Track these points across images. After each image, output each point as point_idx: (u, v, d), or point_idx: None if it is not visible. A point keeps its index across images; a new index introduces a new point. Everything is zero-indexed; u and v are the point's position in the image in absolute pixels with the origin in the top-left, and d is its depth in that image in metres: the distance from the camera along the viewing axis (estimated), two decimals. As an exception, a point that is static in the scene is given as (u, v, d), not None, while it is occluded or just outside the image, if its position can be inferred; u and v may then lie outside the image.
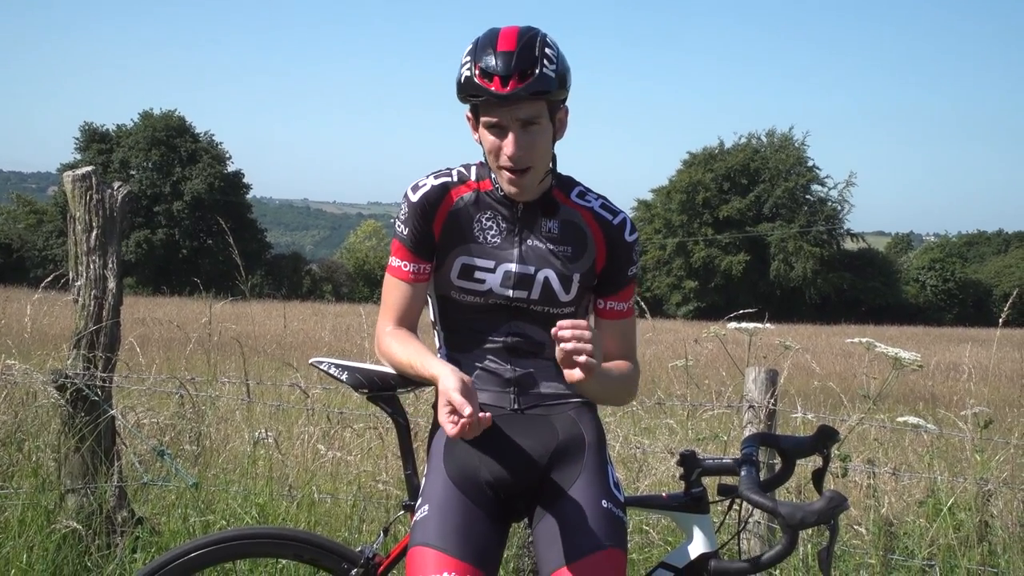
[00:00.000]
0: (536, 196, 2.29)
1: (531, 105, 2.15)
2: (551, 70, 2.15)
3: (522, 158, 2.18)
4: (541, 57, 2.14)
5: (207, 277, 34.20)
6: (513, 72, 2.11)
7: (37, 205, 60.01)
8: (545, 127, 2.20)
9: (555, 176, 2.33)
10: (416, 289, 2.34)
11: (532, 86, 2.12)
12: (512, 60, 2.12)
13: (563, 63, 2.20)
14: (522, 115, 2.15)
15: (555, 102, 2.21)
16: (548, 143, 2.23)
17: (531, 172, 2.21)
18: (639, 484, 4.45)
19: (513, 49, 2.14)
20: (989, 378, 11.65)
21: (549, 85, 2.15)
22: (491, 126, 2.18)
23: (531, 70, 2.13)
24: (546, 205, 2.30)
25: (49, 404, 4.33)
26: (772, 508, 2.03)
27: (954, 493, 4.19)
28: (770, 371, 4.07)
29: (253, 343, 10.23)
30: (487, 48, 2.16)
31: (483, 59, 2.15)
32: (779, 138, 65.22)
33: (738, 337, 4.76)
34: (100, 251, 3.98)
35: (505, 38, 2.16)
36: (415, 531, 2.19)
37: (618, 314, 2.36)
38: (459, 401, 1.98)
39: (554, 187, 2.32)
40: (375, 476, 4.40)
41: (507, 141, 2.17)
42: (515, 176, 2.20)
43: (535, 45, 2.16)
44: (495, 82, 2.12)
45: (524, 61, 2.13)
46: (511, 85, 2.11)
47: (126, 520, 3.91)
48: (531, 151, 2.18)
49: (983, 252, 71.91)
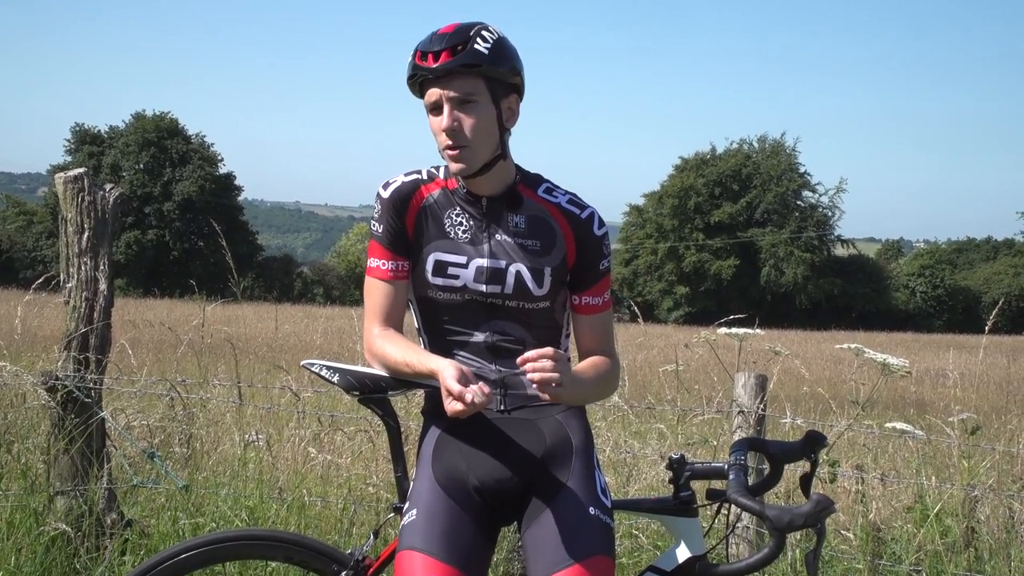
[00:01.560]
0: (499, 190, 2.32)
1: (465, 80, 2.20)
2: (484, 47, 2.20)
3: (457, 132, 2.21)
4: (475, 36, 2.21)
5: (198, 279, 34.11)
6: (444, 48, 2.19)
7: (27, 206, 59.72)
8: (484, 106, 2.23)
9: (520, 172, 2.37)
10: (397, 287, 2.36)
11: (461, 58, 2.18)
12: (445, 39, 2.21)
13: (503, 47, 2.24)
14: (456, 90, 2.20)
15: (496, 82, 2.24)
16: (490, 124, 2.25)
17: (470, 149, 2.24)
18: (629, 488, 4.47)
19: (449, 32, 2.22)
20: (977, 384, 11.72)
21: (480, 59, 2.19)
22: (431, 108, 2.25)
23: (461, 46, 2.19)
24: (510, 199, 2.33)
25: (39, 406, 4.32)
26: (760, 511, 2.05)
27: (941, 499, 4.22)
28: (760, 376, 4.10)
29: (244, 345, 10.21)
30: (428, 37, 2.25)
31: (423, 45, 2.24)
32: (770, 144, 65.40)
33: (728, 342, 4.78)
34: (91, 253, 3.98)
35: (446, 28, 2.25)
36: (403, 535, 2.20)
37: (594, 308, 2.39)
38: (457, 389, 2.05)
39: (519, 183, 2.35)
40: (366, 479, 4.40)
41: (443, 116, 2.22)
42: (454, 152, 2.23)
43: (471, 28, 2.23)
44: (428, 59, 2.20)
45: (456, 38, 2.21)
46: (442, 59, 2.19)
47: (115, 522, 3.90)
48: (466, 126, 2.22)
49: (972, 259, 72.20)
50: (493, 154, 2.28)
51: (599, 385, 2.36)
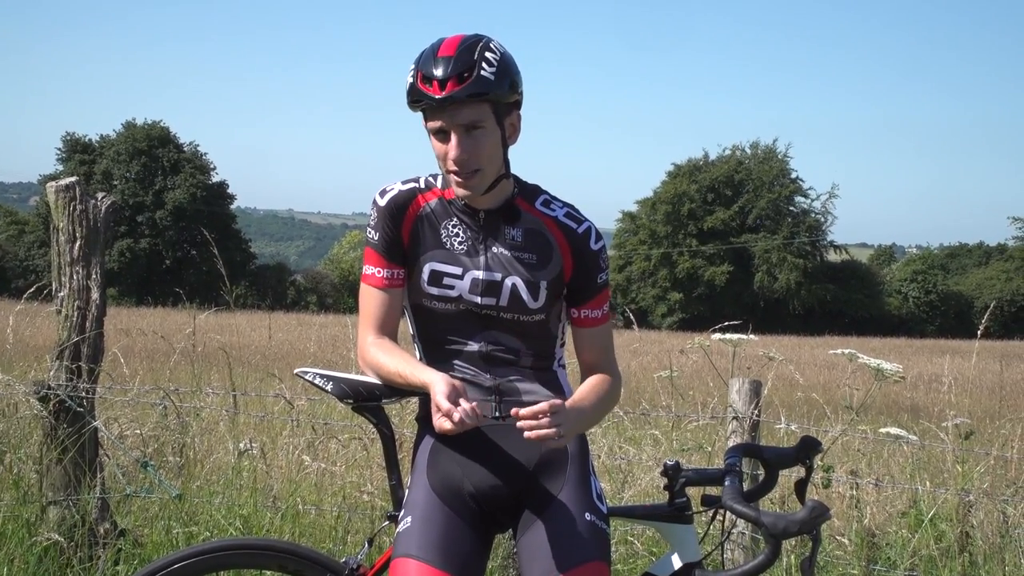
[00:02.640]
0: (497, 204, 2.31)
1: (472, 108, 2.17)
2: (490, 72, 2.16)
3: (466, 161, 2.19)
4: (480, 60, 2.16)
5: (191, 288, 34.01)
6: (450, 75, 2.14)
7: (18, 215, 59.54)
8: (490, 130, 2.21)
9: (518, 184, 2.35)
10: (392, 295, 2.35)
11: (469, 88, 2.14)
12: (450, 64, 2.15)
13: (507, 66, 2.21)
14: (463, 119, 2.17)
15: (501, 104, 2.21)
16: (496, 147, 2.23)
17: (479, 175, 2.22)
18: (623, 494, 4.46)
19: (452, 54, 2.16)
20: (970, 389, 11.74)
21: (487, 87, 2.16)
22: (436, 132, 2.21)
23: (468, 73, 2.15)
24: (508, 213, 2.32)
25: (31, 415, 4.30)
26: (755, 518, 2.05)
27: (936, 504, 4.22)
28: (754, 382, 4.10)
29: (238, 354, 10.18)
30: (429, 56, 2.19)
31: (424, 66, 2.18)
32: (763, 150, 65.54)
33: (722, 348, 4.79)
34: (83, 262, 3.97)
35: (447, 45, 2.19)
36: (398, 542, 2.19)
37: (593, 321, 2.38)
38: (446, 407, 2.05)
39: (517, 195, 2.34)
40: (360, 487, 4.39)
41: (451, 145, 2.19)
42: (462, 179, 2.22)
43: (475, 49, 2.18)
44: (434, 87, 2.15)
45: (461, 64, 2.15)
46: (448, 88, 2.14)
47: (108, 532, 3.88)
48: (475, 154, 2.19)
49: (964, 264, 72.43)
50: (498, 173, 2.27)
51: (600, 410, 2.36)
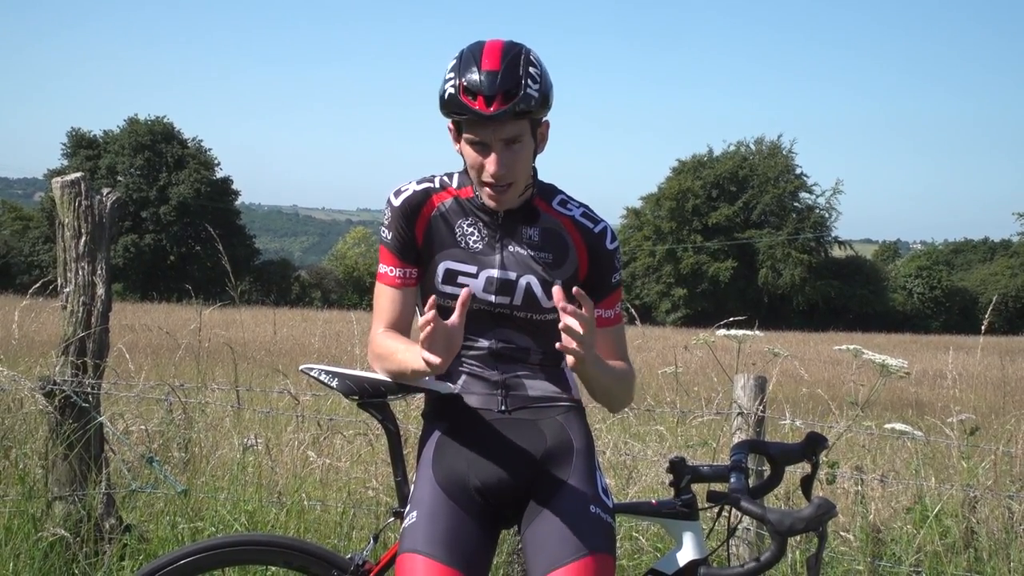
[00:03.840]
0: (517, 204, 2.31)
1: (515, 124, 2.16)
2: (535, 89, 2.15)
3: (505, 176, 2.19)
4: (525, 76, 2.14)
5: (196, 283, 34.04)
6: (497, 92, 2.11)
7: (23, 211, 59.67)
8: (527, 144, 2.21)
9: (536, 184, 2.35)
10: (405, 294, 2.36)
11: (516, 106, 2.13)
12: (497, 79, 2.12)
13: (547, 81, 2.20)
14: (506, 135, 2.16)
15: (537, 119, 2.23)
16: (529, 159, 2.25)
17: (512, 187, 2.23)
18: (629, 490, 4.46)
19: (498, 68, 2.13)
20: (975, 385, 11.72)
21: (533, 105, 2.15)
22: (474, 143, 2.19)
23: (515, 90, 2.12)
24: (527, 213, 2.32)
25: (36, 411, 4.31)
26: (761, 515, 2.05)
27: (941, 500, 4.22)
28: (759, 378, 4.09)
29: (242, 350, 10.19)
30: (471, 65, 2.15)
31: (467, 76, 2.14)
32: (767, 146, 65.47)
33: (727, 344, 4.78)
34: (89, 257, 3.97)
35: (489, 55, 2.15)
36: (404, 537, 2.19)
37: (606, 321, 2.38)
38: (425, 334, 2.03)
39: (535, 195, 2.34)
40: (365, 483, 4.39)
41: (490, 160, 2.17)
42: (496, 192, 2.22)
43: (519, 63, 2.15)
44: (479, 101, 2.12)
45: (508, 81, 2.12)
46: (495, 106, 2.11)
47: (114, 527, 3.89)
48: (513, 168, 2.20)
49: (969, 260, 72.31)
50: (527, 182, 2.28)
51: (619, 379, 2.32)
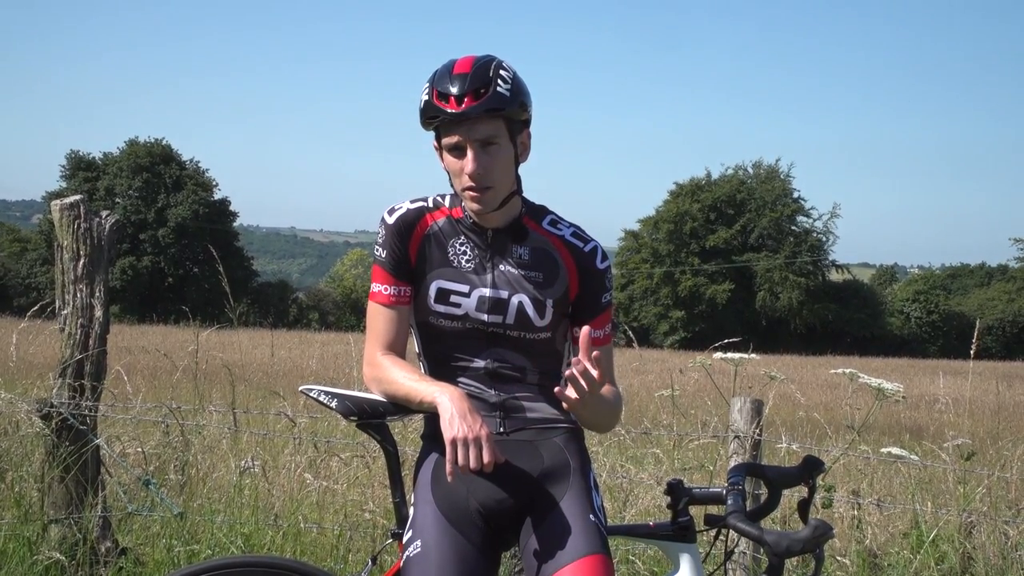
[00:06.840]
0: (505, 223, 2.34)
1: (488, 124, 2.21)
2: (505, 89, 2.22)
3: (483, 176, 2.23)
4: (495, 77, 2.22)
5: (193, 305, 33.99)
6: (467, 91, 2.19)
7: (21, 233, 59.67)
8: (504, 147, 2.25)
9: (525, 204, 2.38)
10: (399, 313, 2.37)
11: (486, 103, 2.19)
12: (466, 81, 2.20)
13: (519, 84, 2.27)
14: (480, 134, 2.21)
15: (514, 122, 2.26)
16: (509, 163, 2.28)
17: (493, 191, 2.26)
18: (625, 513, 4.45)
19: (468, 71, 2.22)
20: (971, 410, 11.72)
21: (503, 102, 2.21)
22: (452, 148, 2.25)
23: (484, 89, 2.20)
24: (516, 231, 2.35)
25: (33, 433, 4.30)
26: (759, 537, 2.05)
27: (937, 525, 4.21)
28: (756, 401, 4.10)
29: (240, 372, 10.18)
30: (444, 74, 2.25)
31: (439, 84, 2.23)
32: (765, 169, 65.74)
33: (724, 367, 4.78)
34: (87, 280, 3.98)
35: (461, 64, 2.25)
36: (410, 568, 2.19)
37: (596, 341, 2.38)
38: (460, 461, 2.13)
39: (524, 214, 2.37)
40: (362, 505, 4.38)
41: (467, 160, 2.22)
42: (477, 195, 2.25)
43: (489, 67, 2.24)
44: (451, 102, 2.20)
45: (478, 80, 2.21)
46: (465, 103, 2.19)
47: (110, 551, 3.88)
48: (491, 169, 2.23)
49: (966, 284, 72.37)
50: (510, 191, 2.31)
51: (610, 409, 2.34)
